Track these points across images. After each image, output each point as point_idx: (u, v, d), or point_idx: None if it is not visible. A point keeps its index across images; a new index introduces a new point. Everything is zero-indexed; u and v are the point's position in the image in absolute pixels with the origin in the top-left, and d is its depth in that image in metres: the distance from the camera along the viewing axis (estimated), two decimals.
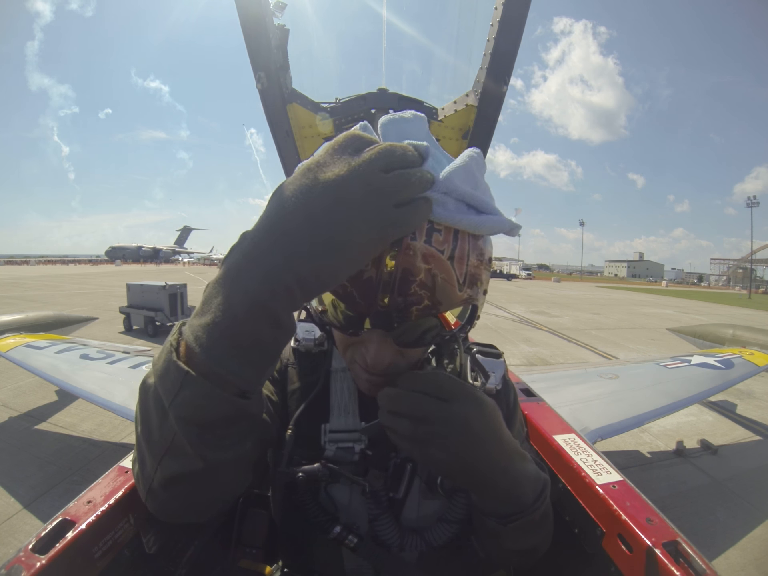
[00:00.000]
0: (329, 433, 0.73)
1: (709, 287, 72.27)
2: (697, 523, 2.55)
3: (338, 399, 0.76)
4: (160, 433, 0.45)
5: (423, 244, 0.49)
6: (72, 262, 62.56)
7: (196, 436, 0.44)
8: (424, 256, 0.49)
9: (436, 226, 0.50)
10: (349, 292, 0.51)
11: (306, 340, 0.81)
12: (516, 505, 0.57)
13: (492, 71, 1.81)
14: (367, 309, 0.52)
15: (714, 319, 12.57)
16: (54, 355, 2.70)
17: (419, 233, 0.49)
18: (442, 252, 0.50)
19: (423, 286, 0.50)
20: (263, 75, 1.83)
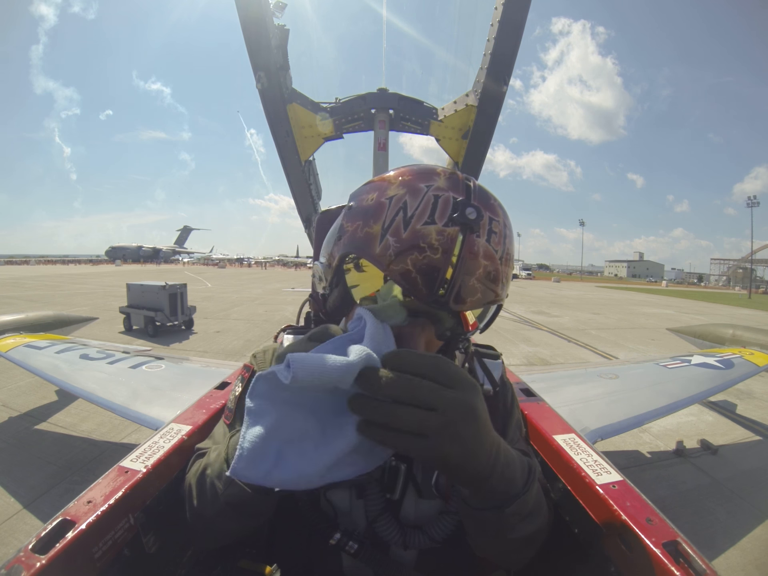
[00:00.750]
0: None
1: (709, 287, 72.27)
2: (697, 523, 2.54)
3: None
4: (213, 506, 0.64)
5: (485, 243, 0.56)
6: (72, 262, 62.57)
7: (235, 512, 0.63)
8: (485, 253, 0.56)
9: (494, 228, 0.57)
10: (413, 278, 0.54)
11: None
12: (510, 488, 0.56)
13: (492, 71, 1.81)
14: (429, 294, 0.54)
15: (714, 319, 12.57)
16: (54, 355, 2.70)
17: (483, 230, 0.56)
18: (497, 252, 0.58)
19: (480, 280, 0.56)
20: (263, 75, 1.83)
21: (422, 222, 0.54)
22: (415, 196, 0.56)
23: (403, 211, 0.55)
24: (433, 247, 0.54)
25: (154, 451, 0.93)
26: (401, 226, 0.55)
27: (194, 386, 2.08)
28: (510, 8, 1.62)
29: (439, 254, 0.53)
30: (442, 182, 0.57)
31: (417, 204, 0.55)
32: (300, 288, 16.79)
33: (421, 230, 0.54)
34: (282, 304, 13.23)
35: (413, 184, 0.57)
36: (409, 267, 0.54)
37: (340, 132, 2.22)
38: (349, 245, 0.60)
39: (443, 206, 0.55)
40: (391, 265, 0.55)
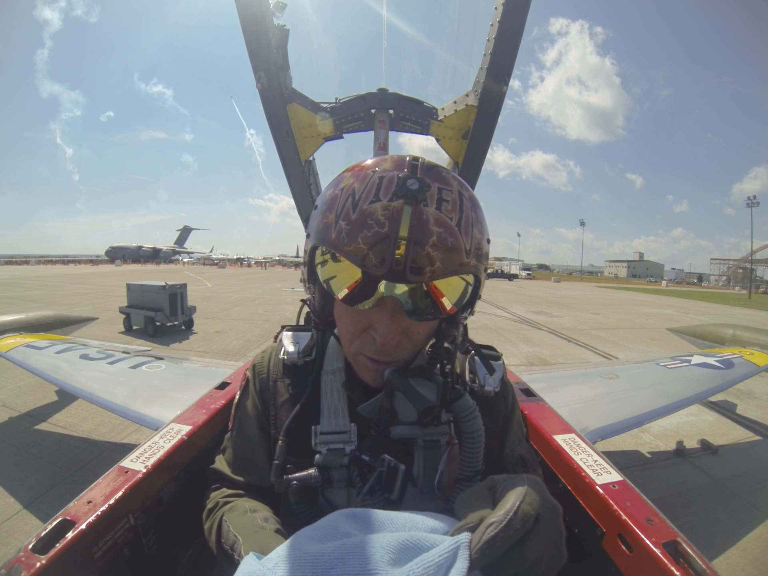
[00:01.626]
0: (320, 434, 0.74)
1: (709, 287, 72.25)
2: (697, 523, 2.54)
3: (328, 401, 0.78)
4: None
5: (435, 210, 0.57)
6: (72, 262, 62.56)
7: None
8: (437, 221, 0.57)
9: (445, 196, 0.58)
10: (366, 254, 0.56)
11: (290, 353, 0.83)
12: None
13: (492, 71, 1.81)
14: (382, 266, 0.56)
15: (714, 319, 12.56)
16: (54, 355, 2.70)
17: (431, 200, 0.57)
18: (451, 219, 0.58)
19: (435, 247, 0.56)
20: (263, 75, 1.83)
21: (368, 202, 0.57)
22: (362, 181, 0.59)
23: (352, 196, 0.59)
24: (380, 222, 0.56)
25: (154, 451, 0.93)
26: (350, 210, 0.58)
27: (194, 386, 2.08)
28: (510, 8, 1.62)
29: (386, 228, 0.55)
30: (388, 165, 0.60)
31: (363, 187, 0.58)
32: (300, 288, 16.78)
33: (368, 209, 0.57)
34: (282, 304, 13.23)
35: (361, 172, 0.61)
36: (361, 245, 0.56)
37: (340, 132, 2.22)
38: (313, 238, 0.64)
39: (387, 184, 0.57)
40: (345, 246, 0.58)
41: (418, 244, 0.55)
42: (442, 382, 0.69)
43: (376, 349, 0.64)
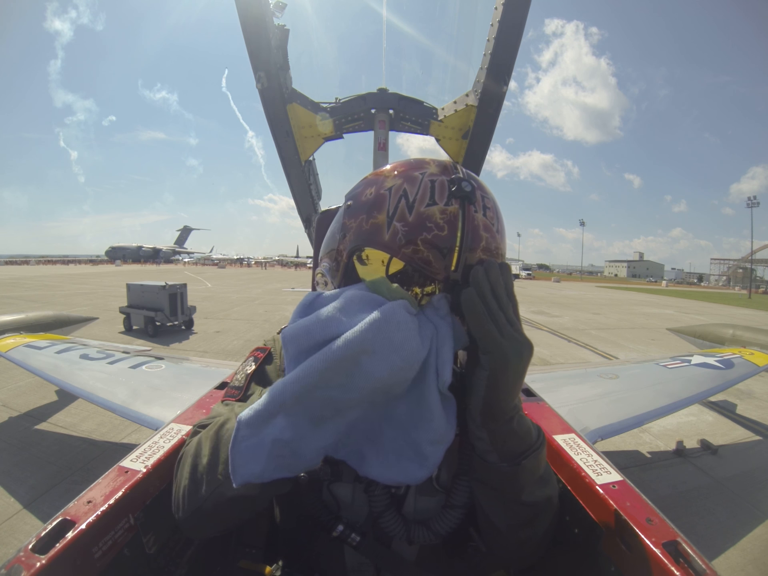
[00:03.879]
0: None
1: (709, 287, 72.26)
2: (697, 523, 2.54)
3: None
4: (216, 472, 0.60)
5: (482, 216, 0.60)
6: (72, 262, 62.56)
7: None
8: (484, 226, 0.60)
9: (487, 203, 0.61)
10: (425, 256, 0.58)
11: None
12: (526, 438, 0.61)
13: (492, 71, 1.81)
14: (442, 270, 0.58)
15: (714, 319, 12.56)
16: (54, 355, 2.70)
17: (478, 206, 0.59)
18: (493, 225, 0.61)
19: (484, 251, 0.59)
20: (263, 75, 1.83)
21: (425, 205, 0.58)
22: (413, 183, 0.60)
23: (405, 197, 0.59)
24: (439, 225, 0.57)
25: (154, 451, 0.93)
26: (406, 211, 0.58)
27: (194, 386, 2.08)
28: (510, 8, 1.62)
29: (446, 231, 0.57)
30: (434, 169, 0.62)
31: (416, 190, 0.59)
32: (300, 288, 16.78)
33: (426, 212, 0.57)
34: (282, 304, 13.23)
35: (409, 174, 0.61)
36: (420, 247, 0.57)
37: (340, 132, 2.22)
38: (356, 239, 0.63)
39: (440, 188, 0.59)
40: (402, 248, 0.58)
41: (471, 249, 0.58)
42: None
43: None
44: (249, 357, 0.85)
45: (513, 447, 0.59)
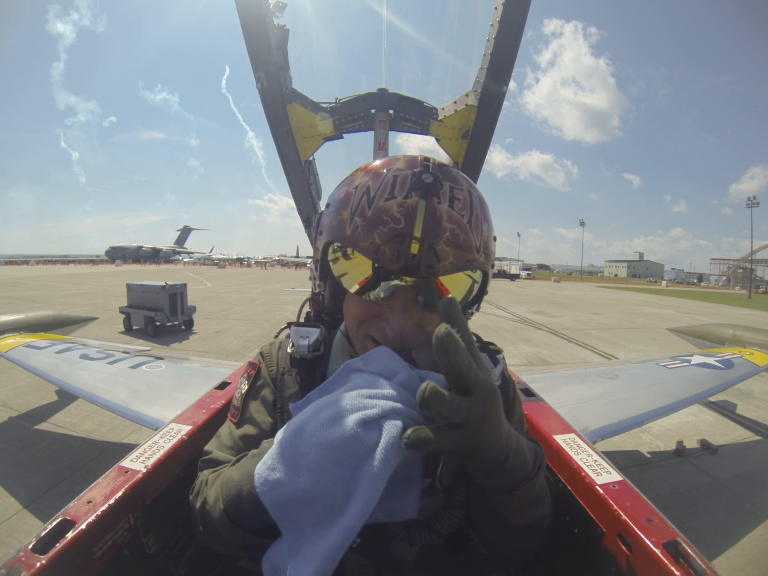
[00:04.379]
0: None
1: (709, 287, 72.23)
2: (697, 523, 2.54)
3: None
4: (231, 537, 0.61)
5: (447, 207, 0.59)
6: (72, 262, 62.55)
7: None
8: (450, 217, 0.59)
9: (456, 195, 0.60)
10: (381, 250, 0.59)
11: (300, 346, 0.81)
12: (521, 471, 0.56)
13: (492, 71, 1.81)
14: (398, 261, 0.58)
15: (714, 319, 12.56)
16: (54, 355, 2.70)
17: (443, 197, 0.59)
18: (462, 216, 0.60)
19: (448, 243, 0.58)
20: (263, 75, 1.83)
21: (384, 199, 0.59)
22: (377, 179, 0.61)
23: (367, 194, 0.61)
24: (396, 218, 0.58)
25: (154, 451, 0.93)
26: (366, 207, 0.60)
27: (194, 386, 2.08)
28: (510, 8, 1.62)
29: (402, 224, 0.58)
30: (401, 164, 0.62)
31: (378, 185, 0.60)
32: (300, 288, 16.78)
33: (383, 206, 0.59)
34: (282, 304, 13.23)
35: (375, 171, 0.63)
36: (377, 240, 0.58)
37: (340, 132, 2.22)
38: (327, 235, 0.66)
39: (402, 182, 0.59)
40: (360, 242, 0.60)
41: (432, 239, 0.58)
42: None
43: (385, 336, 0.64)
44: (244, 372, 0.87)
45: (506, 482, 0.56)
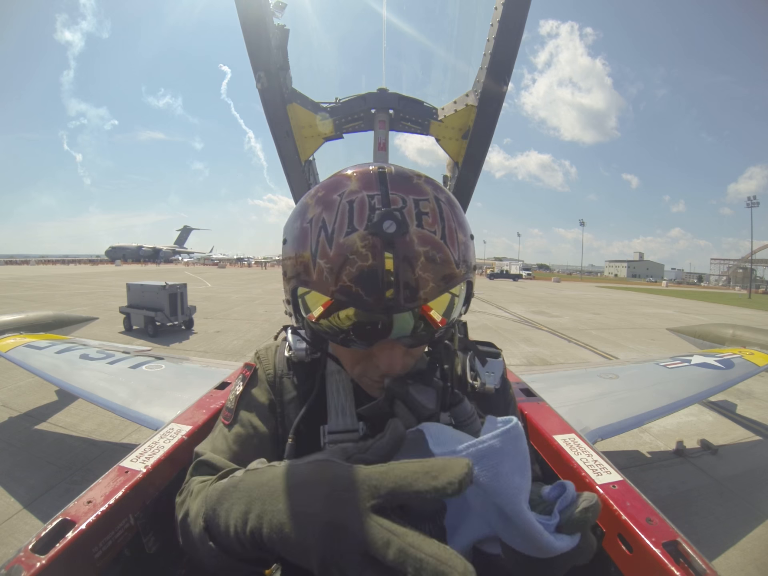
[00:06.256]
0: (328, 434, 0.73)
1: (709, 287, 72.21)
2: (697, 523, 2.54)
3: (335, 400, 0.76)
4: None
5: (416, 228, 0.52)
6: (72, 262, 62.56)
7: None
8: (420, 239, 0.52)
9: (423, 208, 0.54)
10: (354, 292, 0.52)
11: (298, 349, 0.79)
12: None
13: (492, 71, 1.81)
14: (375, 302, 0.52)
15: (714, 319, 12.56)
16: (54, 355, 2.70)
17: (410, 218, 0.52)
18: (434, 233, 0.53)
19: (424, 268, 0.52)
20: (263, 75, 1.83)
21: (344, 234, 0.52)
22: (331, 210, 0.54)
23: (324, 229, 0.53)
24: (362, 254, 0.51)
25: (154, 451, 0.93)
26: (326, 246, 0.53)
27: (194, 386, 2.08)
28: (510, 8, 1.62)
29: (370, 259, 0.51)
30: (354, 184, 0.55)
31: (334, 217, 0.53)
32: None
33: (345, 242, 0.52)
34: (282, 304, 13.20)
35: (327, 198, 0.55)
36: (347, 283, 0.51)
37: (340, 132, 2.22)
38: (292, 279, 0.59)
39: (360, 209, 0.52)
40: (330, 287, 0.53)
41: (406, 269, 0.52)
42: (442, 387, 0.67)
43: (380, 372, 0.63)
44: (239, 373, 0.84)
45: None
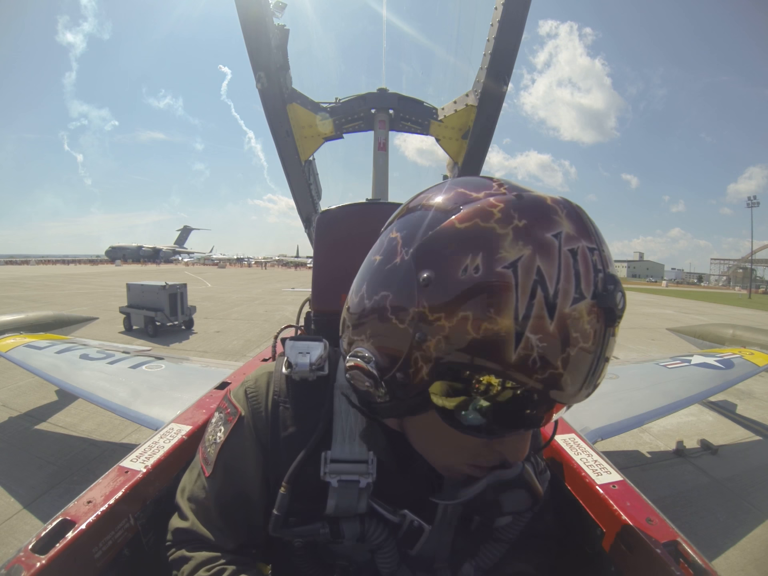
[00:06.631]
0: (330, 462, 0.60)
1: (709, 287, 72.27)
2: (697, 523, 2.54)
3: (343, 421, 0.63)
4: None
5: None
6: (72, 262, 62.58)
7: None
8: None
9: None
10: (561, 381, 0.40)
11: (300, 365, 0.64)
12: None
13: (492, 71, 1.81)
14: (571, 396, 0.42)
15: (714, 319, 12.55)
16: (54, 355, 2.70)
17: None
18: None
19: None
20: (263, 75, 1.83)
21: (570, 301, 0.38)
22: (550, 258, 0.39)
23: (542, 286, 0.38)
24: (585, 333, 0.39)
25: (154, 451, 0.93)
26: (545, 314, 0.38)
27: (194, 386, 2.08)
28: (510, 8, 1.62)
29: (591, 341, 0.39)
30: (566, 223, 0.41)
31: (556, 271, 0.39)
32: (300, 288, 16.78)
33: (572, 314, 0.38)
34: (282, 304, 13.22)
35: (538, 236, 0.40)
36: (560, 370, 0.39)
37: (340, 132, 2.22)
38: (452, 350, 0.41)
39: (585, 268, 0.39)
40: (535, 374, 0.39)
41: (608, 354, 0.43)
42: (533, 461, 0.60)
43: (498, 459, 0.52)
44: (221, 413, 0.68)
45: None
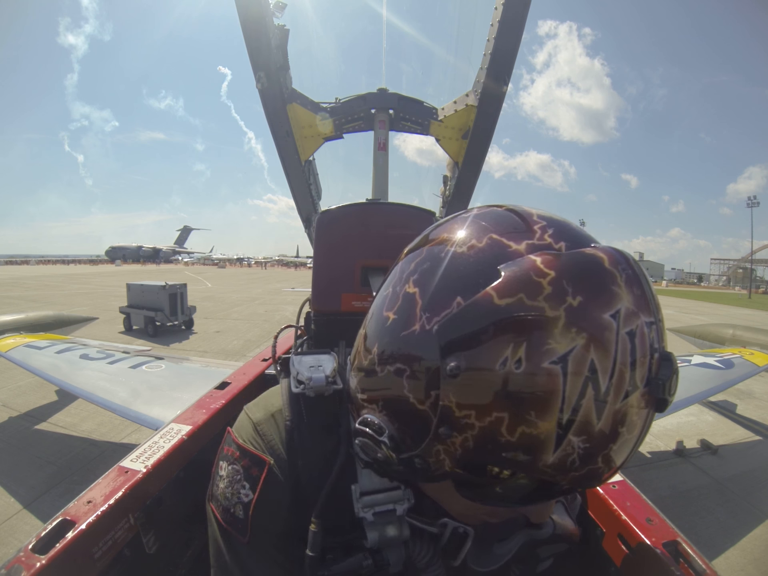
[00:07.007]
0: (361, 496, 0.54)
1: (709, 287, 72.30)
2: (697, 523, 2.54)
3: None
4: None
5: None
6: (72, 262, 62.58)
7: None
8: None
9: None
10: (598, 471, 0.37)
11: (316, 379, 0.58)
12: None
13: (492, 71, 1.81)
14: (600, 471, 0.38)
15: (714, 319, 12.55)
16: (54, 355, 2.70)
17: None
18: None
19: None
20: (263, 75, 1.83)
21: (622, 396, 0.33)
22: (606, 348, 0.33)
23: (593, 384, 0.33)
24: (633, 424, 0.35)
25: (154, 451, 0.93)
26: (592, 415, 0.33)
27: (194, 386, 2.08)
28: (510, 8, 1.62)
29: (637, 430, 0.36)
30: (626, 295, 0.34)
31: (611, 364, 0.33)
32: (300, 288, 16.78)
33: (621, 409, 0.34)
34: (282, 304, 13.22)
35: (595, 319, 0.33)
36: (599, 465, 0.36)
37: (340, 132, 2.22)
38: (481, 449, 0.37)
39: (641, 351, 0.34)
40: (572, 473, 0.36)
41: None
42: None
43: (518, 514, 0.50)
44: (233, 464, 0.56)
45: None
